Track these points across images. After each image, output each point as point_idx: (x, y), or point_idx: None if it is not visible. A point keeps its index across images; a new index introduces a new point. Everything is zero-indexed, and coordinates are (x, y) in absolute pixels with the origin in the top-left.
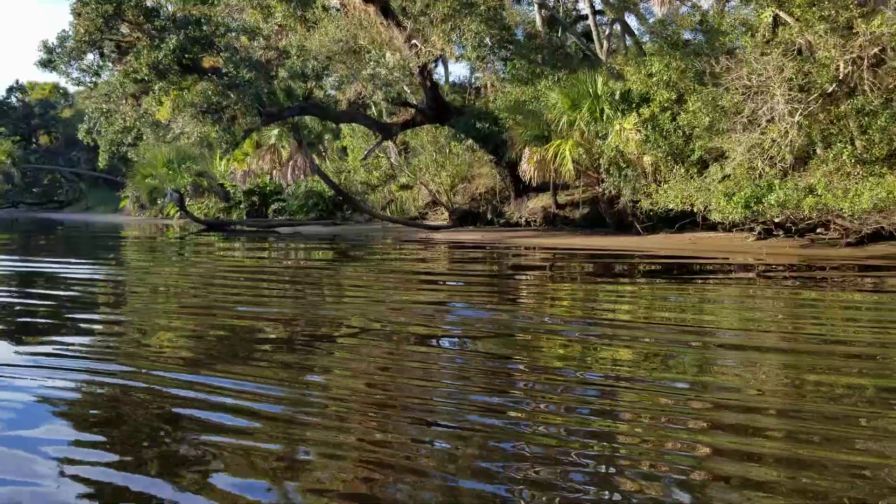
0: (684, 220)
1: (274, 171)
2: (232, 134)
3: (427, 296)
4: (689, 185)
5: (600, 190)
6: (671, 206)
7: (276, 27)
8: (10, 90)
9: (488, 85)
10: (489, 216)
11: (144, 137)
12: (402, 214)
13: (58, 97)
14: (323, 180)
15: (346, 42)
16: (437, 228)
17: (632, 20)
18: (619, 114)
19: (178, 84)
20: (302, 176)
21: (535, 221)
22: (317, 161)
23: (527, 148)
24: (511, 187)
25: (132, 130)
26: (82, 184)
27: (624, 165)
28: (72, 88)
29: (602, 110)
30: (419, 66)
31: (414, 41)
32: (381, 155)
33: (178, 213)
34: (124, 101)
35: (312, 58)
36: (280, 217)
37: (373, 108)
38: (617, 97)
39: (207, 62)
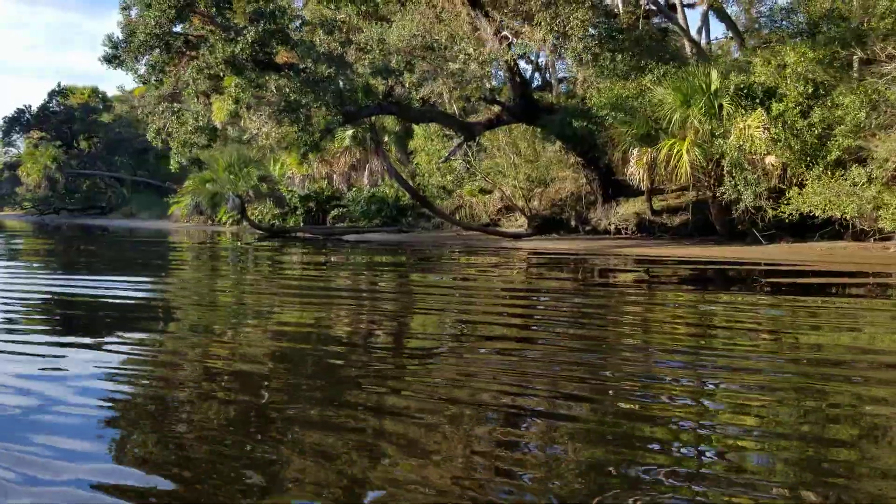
0: (816, 228)
1: (335, 176)
2: (311, 134)
3: (518, 323)
4: (834, 188)
5: (710, 194)
6: (815, 213)
7: (339, 22)
8: (52, 94)
9: (578, 80)
10: (572, 223)
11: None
12: (472, 221)
13: (97, 102)
14: (400, 185)
15: (423, 36)
16: (518, 236)
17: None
18: (741, 110)
19: (256, 80)
20: (380, 180)
21: (625, 229)
22: (380, 164)
23: (635, 148)
24: (599, 191)
25: (205, 130)
26: (124, 189)
27: (748, 167)
28: (111, 92)
29: (720, 106)
30: (512, 60)
31: (504, 33)
32: (455, 157)
33: (231, 220)
34: (195, 100)
35: (395, 52)
36: (341, 224)
37: (452, 105)
38: (731, 91)
39: (280, 57)
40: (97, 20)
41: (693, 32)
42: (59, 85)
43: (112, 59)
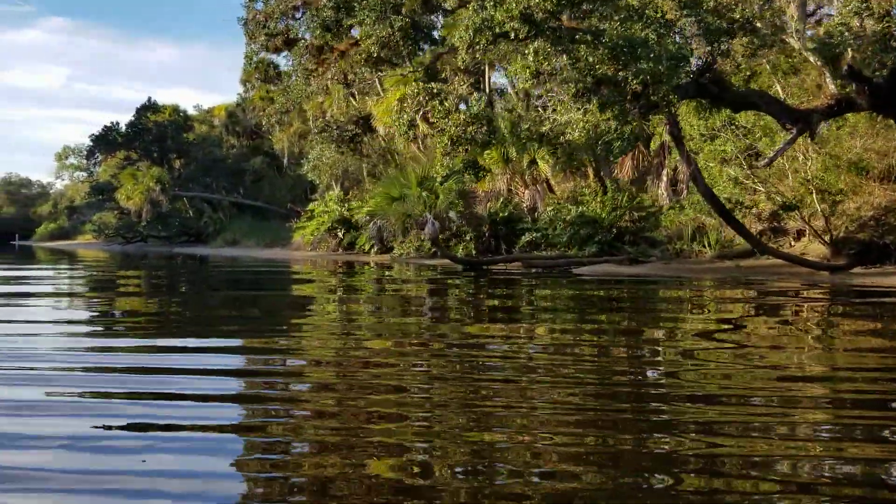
0: None
1: (525, 193)
2: (627, 123)
3: None
4: None
5: None
6: None
7: None
8: (142, 110)
9: None
10: None
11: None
12: (721, 248)
13: (179, 119)
14: (707, 200)
15: None
16: (833, 269)
17: None
18: None
19: (564, 45)
20: (685, 190)
21: None
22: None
23: None
24: None
25: (483, 120)
26: (220, 214)
27: None
28: (208, 103)
29: None
30: None
31: None
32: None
33: (373, 248)
34: (455, 77)
35: (729, 6)
36: (545, 252)
37: (776, 87)
38: None
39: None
40: (134, 51)
41: None
42: (149, 99)
43: (330, 27)
